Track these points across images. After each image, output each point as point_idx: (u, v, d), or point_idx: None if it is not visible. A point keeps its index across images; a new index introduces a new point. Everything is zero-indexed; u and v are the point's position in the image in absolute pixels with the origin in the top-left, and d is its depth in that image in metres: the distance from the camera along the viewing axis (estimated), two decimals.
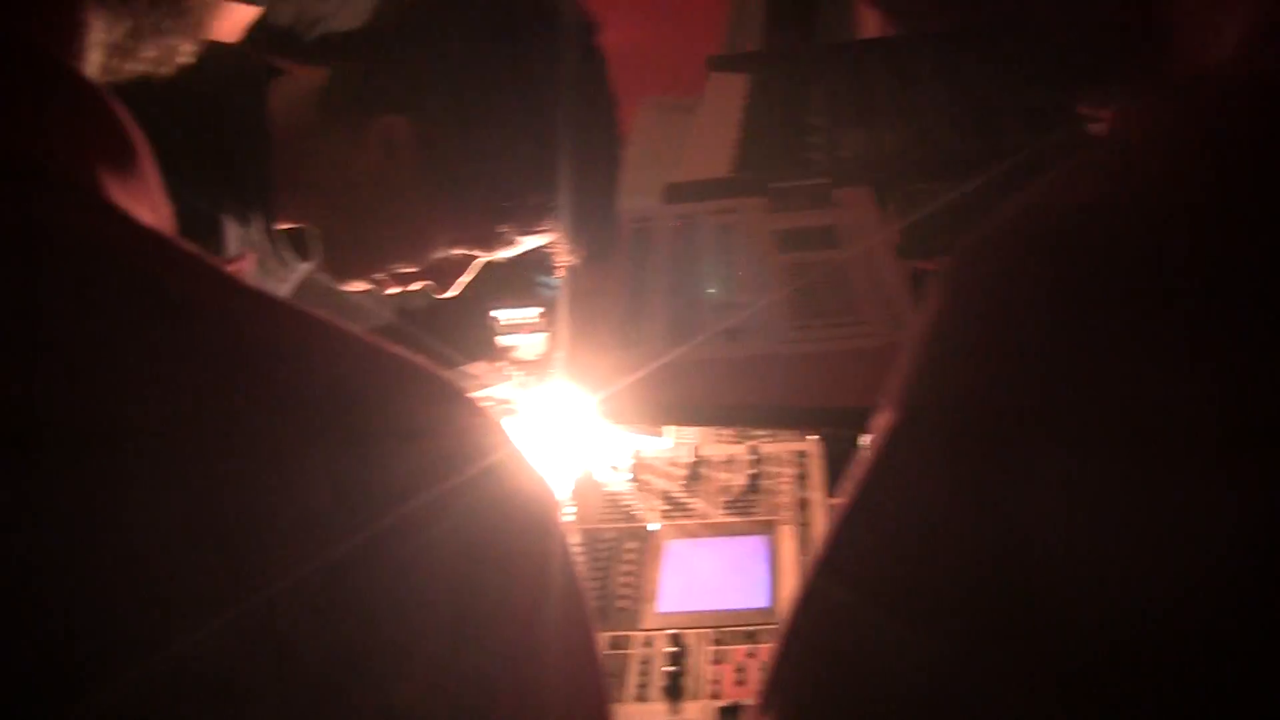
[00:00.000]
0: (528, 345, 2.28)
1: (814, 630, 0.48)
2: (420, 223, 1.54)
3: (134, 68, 0.57)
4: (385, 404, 0.47)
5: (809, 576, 0.48)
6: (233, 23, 2.28)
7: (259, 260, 1.52)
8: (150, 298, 0.44)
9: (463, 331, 2.56)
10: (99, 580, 0.39)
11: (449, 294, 1.66)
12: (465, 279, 1.65)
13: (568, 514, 1.69)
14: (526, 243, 1.58)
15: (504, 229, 1.54)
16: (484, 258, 1.62)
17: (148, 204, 0.52)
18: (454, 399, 0.49)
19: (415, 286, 1.65)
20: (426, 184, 1.50)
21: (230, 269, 0.49)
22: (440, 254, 1.58)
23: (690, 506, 1.69)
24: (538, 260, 2.51)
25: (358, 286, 1.62)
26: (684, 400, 1.26)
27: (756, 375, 1.22)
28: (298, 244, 1.60)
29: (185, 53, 0.59)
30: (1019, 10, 0.63)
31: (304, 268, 1.64)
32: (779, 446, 1.76)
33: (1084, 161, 0.49)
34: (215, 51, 1.69)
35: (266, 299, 0.48)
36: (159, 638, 0.40)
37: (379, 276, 1.61)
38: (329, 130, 1.51)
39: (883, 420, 0.47)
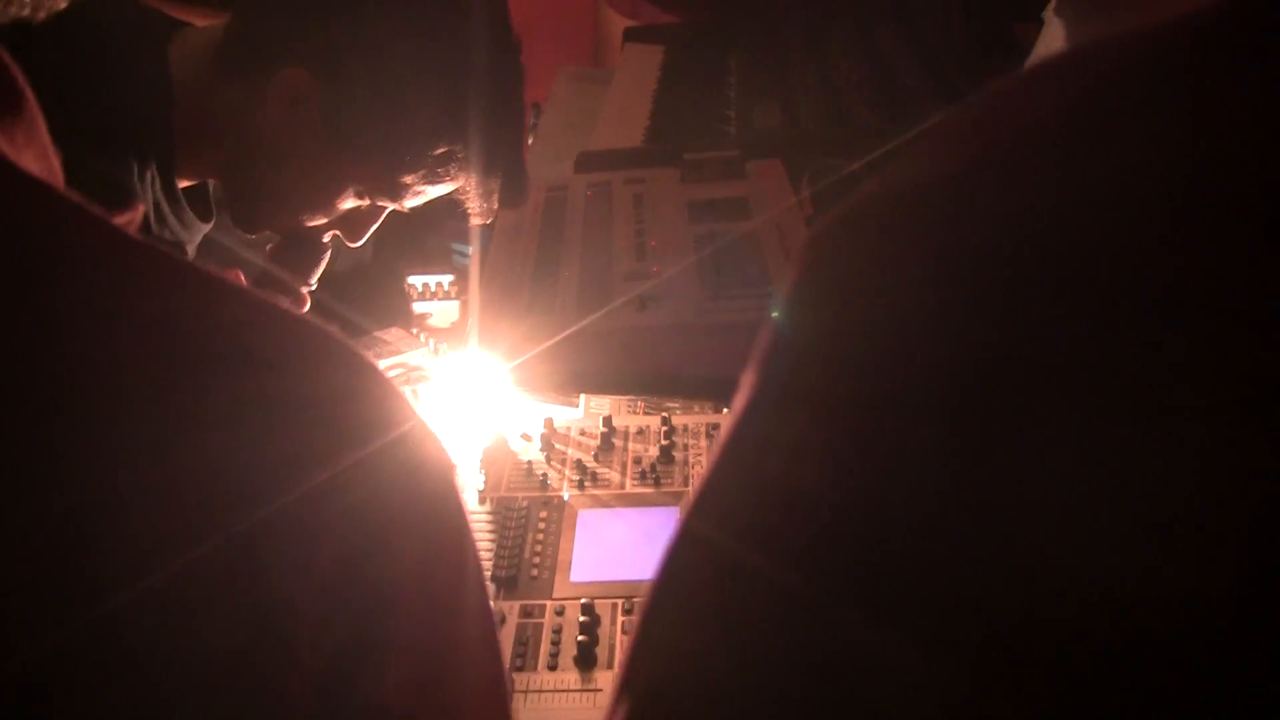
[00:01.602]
0: (441, 312, 2.27)
1: (678, 573, 0.47)
2: (326, 174, 1.53)
3: (12, 11, 0.55)
4: (300, 371, 0.47)
5: (676, 527, 0.48)
6: None
7: (159, 218, 1.51)
8: (45, 255, 0.43)
9: (378, 297, 2.55)
10: (31, 537, 0.40)
11: (358, 244, 1.65)
12: (374, 228, 1.64)
13: (478, 481, 1.68)
14: (433, 192, 1.57)
15: (409, 179, 1.53)
16: (392, 208, 1.61)
17: (34, 151, 0.50)
18: (363, 368, 0.50)
19: (325, 238, 1.63)
20: (330, 135, 1.49)
21: (119, 221, 0.48)
22: (348, 205, 1.57)
23: (602, 477, 1.69)
24: (452, 224, 2.51)
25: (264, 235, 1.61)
26: (595, 369, 1.26)
27: (668, 345, 1.23)
28: (198, 202, 1.58)
29: None
30: None
31: (204, 227, 1.62)
32: (692, 418, 1.77)
33: (940, 128, 0.48)
34: (115, 3, 1.67)
35: (168, 258, 0.48)
36: (89, 590, 0.40)
37: (285, 230, 1.60)
38: (229, 83, 1.49)
39: (742, 390, 0.47)
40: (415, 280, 2.27)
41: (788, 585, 0.41)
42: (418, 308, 2.26)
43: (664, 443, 1.73)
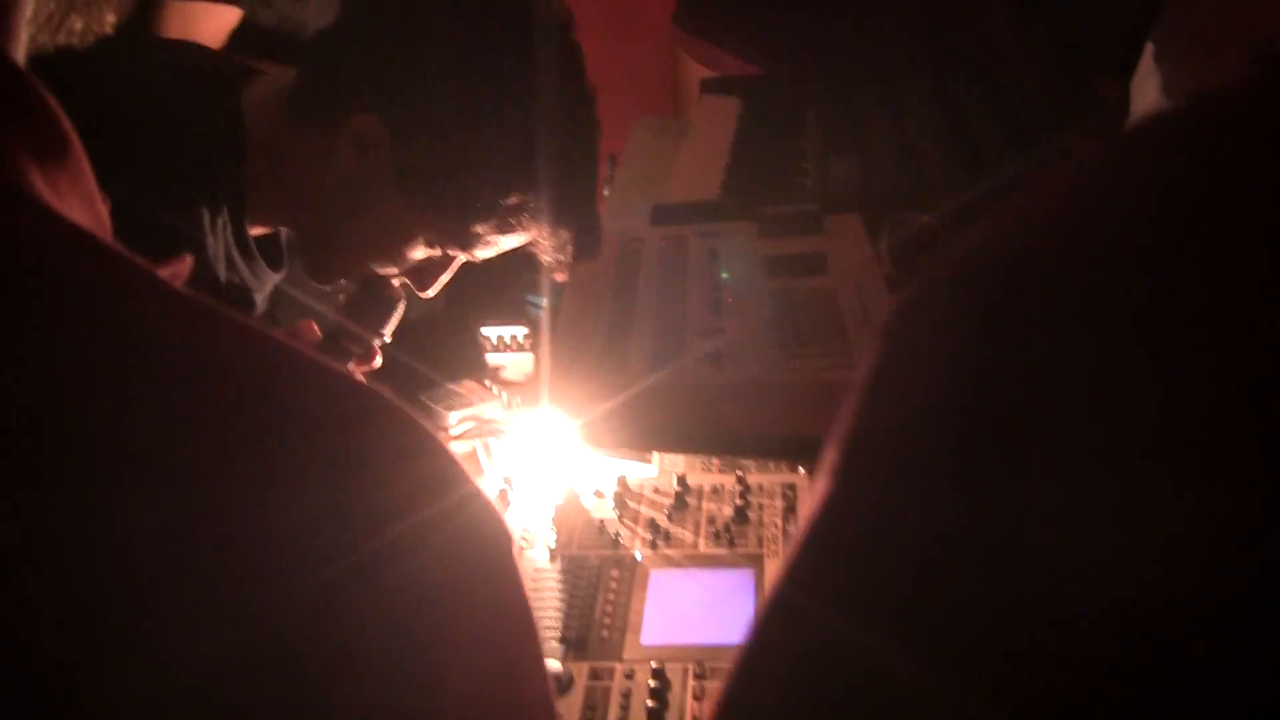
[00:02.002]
0: (515, 365, 2.26)
1: (770, 638, 0.47)
2: (396, 222, 1.53)
3: (61, 40, 0.55)
4: (356, 437, 0.46)
5: (769, 594, 0.47)
6: (216, 27, 2.27)
7: (230, 264, 1.50)
8: (87, 310, 0.42)
9: (451, 349, 2.55)
10: (95, 582, 0.40)
11: (429, 293, 1.64)
12: (445, 278, 1.63)
13: (549, 539, 1.66)
14: (505, 243, 1.56)
15: (480, 229, 1.52)
16: (463, 258, 1.60)
17: (79, 198, 0.49)
18: (418, 434, 0.49)
19: (398, 290, 1.63)
20: (400, 183, 1.48)
21: (166, 273, 0.47)
22: (420, 254, 1.57)
23: (676, 536, 1.66)
24: (527, 276, 2.50)
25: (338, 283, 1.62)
26: (667, 427, 1.24)
27: (741, 403, 1.20)
28: (269, 252, 1.58)
29: (108, 24, 0.56)
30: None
31: (275, 277, 1.62)
32: (767, 478, 1.74)
33: (1021, 200, 0.48)
34: (189, 51, 1.68)
35: (214, 313, 0.46)
36: (155, 638, 0.40)
37: (357, 277, 1.59)
38: (301, 130, 1.49)
39: (828, 463, 0.47)
40: (489, 332, 2.26)
41: (889, 657, 0.41)
42: (491, 360, 2.25)
43: (739, 502, 1.70)
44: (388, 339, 1.69)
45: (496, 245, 1.56)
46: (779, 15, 2.60)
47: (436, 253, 1.58)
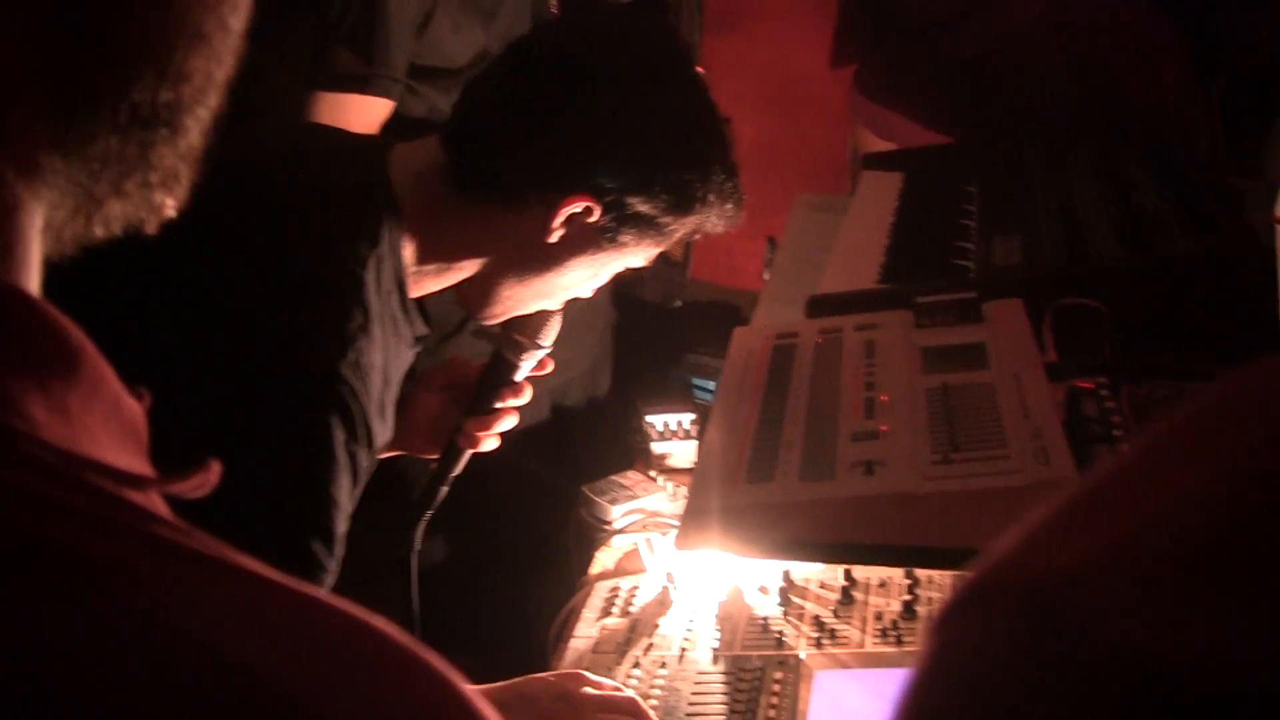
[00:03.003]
0: (681, 452, 2.24)
1: None
2: (597, 267, 1.59)
3: (104, 231, 0.52)
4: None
5: None
6: (370, 117, 2.33)
7: (393, 326, 1.53)
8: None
9: (615, 437, 2.54)
10: None
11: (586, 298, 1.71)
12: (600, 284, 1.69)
13: (712, 639, 1.63)
14: (681, 229, 1.59)
15: (669, 219, 1.55)
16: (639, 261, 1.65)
17: (99, 413, 0.47)
18: (435, 684, 0.46)
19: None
20: (606, 237, 1.53)
21: (188, 487, 0.46)
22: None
23: (841, 634, 1.62)
24: (693, 360, 2.49)
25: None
26: (817, 540, 1.21)
27: (894, 515, 1.16)
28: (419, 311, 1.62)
29: (169, 206, 0.54)
30: None
31: (424, 341, 1.65)
32: (937, 572, 1.68)
33: (1075, 503, 0.44)
34: (332, 133, 1.74)
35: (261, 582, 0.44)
36: None
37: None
38: (469, 204, 1.52)
39: None
40: (654, 419, 2.25)
41: None
42: (656, 448, 2.23)
43: (907, 597, 1.65)
44: (548, 348, 1.72)
45: (675, 230, 1.59)
46: (956, 78, 2.56)
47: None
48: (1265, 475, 0.39)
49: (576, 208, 1.49)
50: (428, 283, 1.58)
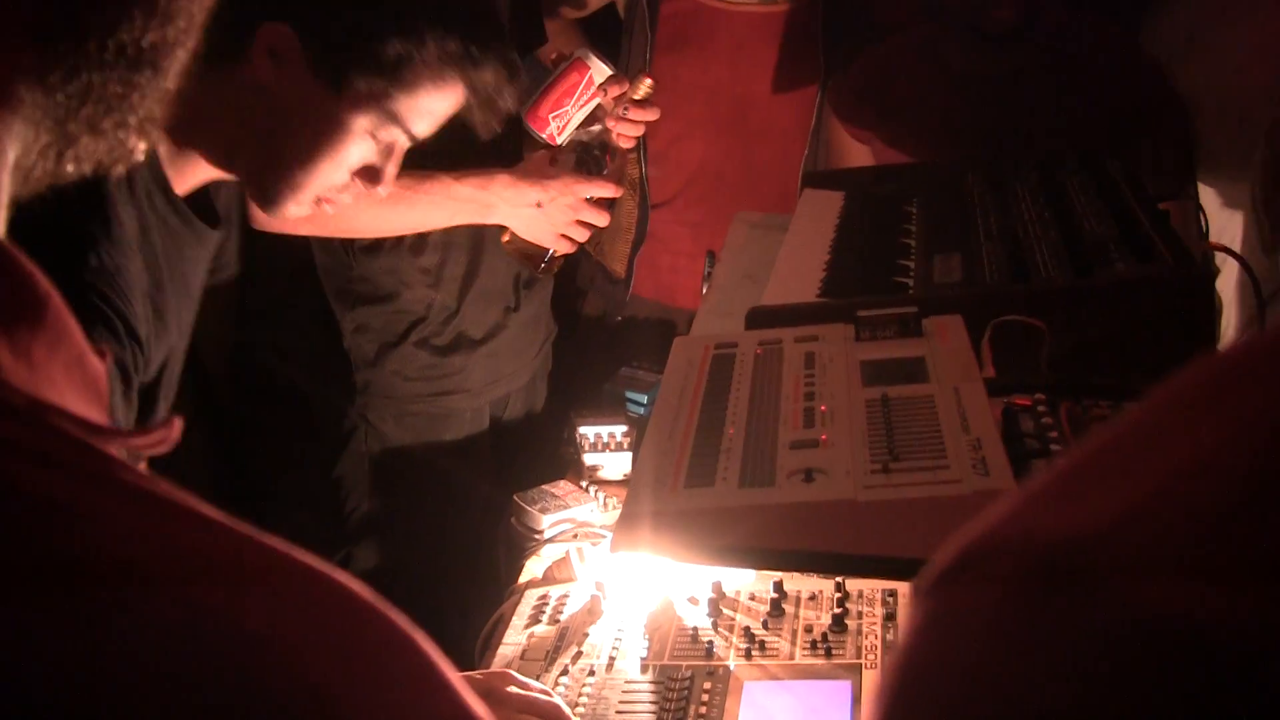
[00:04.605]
0: (612, 464, 2.23)
1: None
2: (328, 118, 1.58)
3: (75, 169, 0.51)
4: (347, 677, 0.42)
5: None
6: None
7: (163, 225, 1.54)
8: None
9: (546, 448, 2.53)
10: None
11: (383, 189, 1.70)
12: (393, 170, 1.70)
13: (641, 649, 1.62)
14: (434, 104, 1.64)
15: (405, 93, 1.60)
16: (404, 139, 1.67)
17: (62, 363, 0.46)
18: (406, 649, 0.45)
19: (347, 198, 1.69)
20: (319, 73, 1.55)
21: (152, 439, 0.44)
22: (361, 149, 1.63)
23: (770, 646, 1.61)
24: (626, 373, 2.48)
25: (295, 213, 1.65)
26: (757, 543, 1.20)
27: (833, 522, 1.16)
28: (204, 211, 1.63)
29: (139, 150, 0.53)
30: None
31: (214, 235, 1.65)
32: (867, 584, 1.68)
33: (1077, 466, 0.43)
34: None
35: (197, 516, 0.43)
36: None
37: (310, 196, 1.63)
38: (212, 68, 1.51)
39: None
40: (587, 430, 2.24)
41: None
42: (588, 459, 2.22)
43: (837, 610, 1.65)
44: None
45: (429, 110, 1.64)
46: (928, 103, 2.58)
47: (377, 145, 1.64)
48: (1275, 431, 0.39)
49: (274, 38, 1.53)
50: (197, 171, 1.60)
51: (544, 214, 2.29)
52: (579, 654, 1.65)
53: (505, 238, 2.36)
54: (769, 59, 2.88)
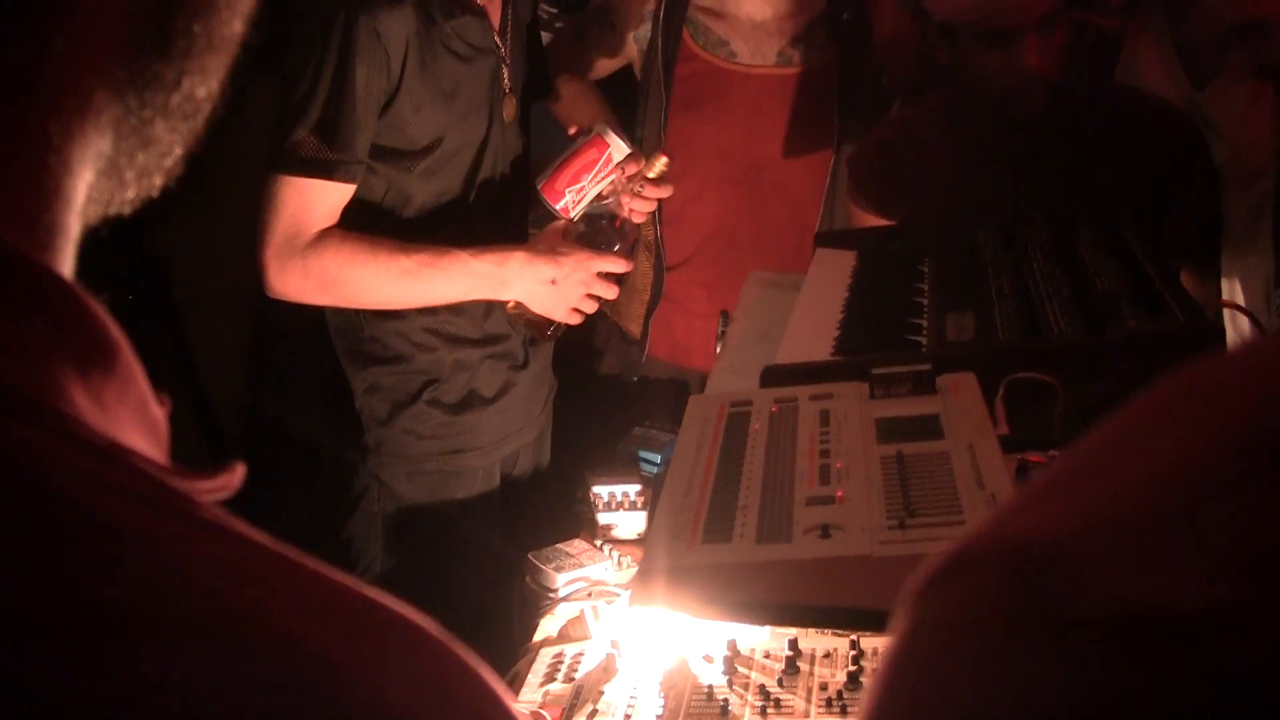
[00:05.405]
0: (626, 523, 2.24)
1: None
2: None
3: (97, 212, 0.52)
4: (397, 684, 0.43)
5: None
6: (332, 201, 2.32)
7: None
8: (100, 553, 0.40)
9: (561, 507, 2.53)
10: None
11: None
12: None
13: (656, 708, 1.62)
14: None
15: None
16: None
17: (130, 408, 0.47)
18: (459, 669, 0.46)
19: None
20: None
21: (212, 485, 0.46)
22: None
23: (786, 704, 1.61)
24: (640, 433, 2.49)
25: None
26: (774, 599, 1.20)
27: (849, 577, 1.16)
28: None
29: (156, 190, 0.54)
30: None
31: None
32: (882, 640, 1.68)
33: (1053, 476, 0.46)
34: None
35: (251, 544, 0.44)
36: None
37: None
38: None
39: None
40: (600, 490, 2.25)
41: None
42: (602, 519, 2.23)
43: (852, 668, 1.65)
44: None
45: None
46: (946, 176, 2.55)
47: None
48: (1251, 433, 0.41)
49: None
50: None
51: (557, 289, 2.32)
52: (594, 712, 1.65)
53: (511, 306, 2.39)
54: (783, 120, 2.91)
